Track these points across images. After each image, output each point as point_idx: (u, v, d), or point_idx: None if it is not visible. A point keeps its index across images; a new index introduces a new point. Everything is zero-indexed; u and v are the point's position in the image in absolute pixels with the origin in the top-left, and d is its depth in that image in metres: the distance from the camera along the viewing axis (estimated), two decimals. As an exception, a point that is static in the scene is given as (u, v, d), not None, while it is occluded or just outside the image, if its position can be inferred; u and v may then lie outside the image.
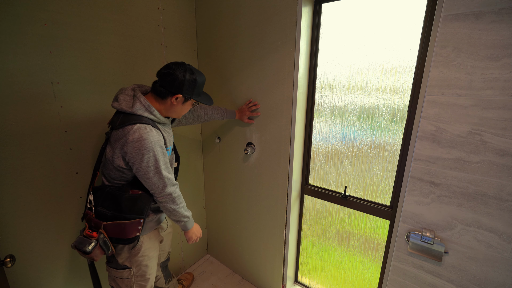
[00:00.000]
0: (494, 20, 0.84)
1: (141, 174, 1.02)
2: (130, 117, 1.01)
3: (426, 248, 1.09)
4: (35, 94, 1.10)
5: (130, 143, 0.97)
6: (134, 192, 1.07)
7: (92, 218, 1.05)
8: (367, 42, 1.23)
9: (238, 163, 1.74)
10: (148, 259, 1.18)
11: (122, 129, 1.00)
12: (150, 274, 1.21)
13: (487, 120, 0.90)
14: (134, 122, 0.99)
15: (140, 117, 1.02)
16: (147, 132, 0.99)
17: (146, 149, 0.98)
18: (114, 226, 1.04)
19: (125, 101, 1.04)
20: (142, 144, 0.97)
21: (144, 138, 0.97)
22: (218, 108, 1.51)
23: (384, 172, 1.30)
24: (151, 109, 1.04)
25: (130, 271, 1.14)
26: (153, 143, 0.99)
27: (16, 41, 1.02)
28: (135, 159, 0.99)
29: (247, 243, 1.86)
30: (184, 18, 1.65)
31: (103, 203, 1.06)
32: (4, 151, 1.06)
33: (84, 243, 1.00)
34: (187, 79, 1.03)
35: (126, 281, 1.15)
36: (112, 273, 1.17)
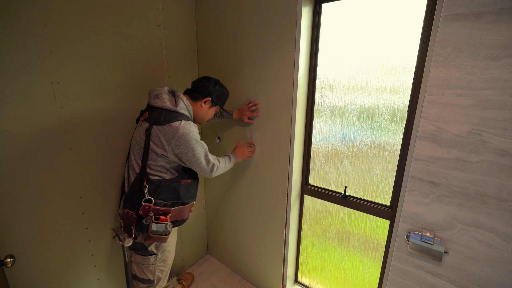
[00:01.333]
0: (494, 20, 0.84)
1: (193, 161, 1.18)
2: (174, 114, 1.14)
3: (426, 248, 1.09)
4: (35, 94, 1.10)
5: (182, 136, 1.11)
6: (185, 182, 1.24)
7: (156, 207, 1.16)
8: (367, 42, 1.23)
9: (238, 163, 1.74)
10: (171, 245, 1.33)
11: (169, 125, 1.11)
12: (171, 259, 1.36)
13: (487, 120, 0.90)
14: (180, 119, 1.13)
15: (182, 115, 1.17)
16: (192, 126, 1.15)
17: (194, 140, 1.15)
18: (177, 211, 1.22)
19: (169, 100, 1.18)
20: (192, 137, 1.13)
21: (191, 131, 1.14)
22: None
23: (384, 172, 1.30)
24: (190, 108, 1.23)
25: (156, 257, 1.26)
26: (196, 134, 1.17)
27: (16, 41, 1.02)
28: (187, 149, 1.14)
29: (247, 243, 1.86)
30: (184, 18, 1.65)
31: (160, 195, 1.16)
32: (4, 151, 1.06)
33: (164, 226, 1.16)
34: (217, 88, 1.28)
35: (151, 267, 1.26)
36: (139, 260, 1.25)
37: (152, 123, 1.13)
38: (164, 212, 1.18)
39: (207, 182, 2.03)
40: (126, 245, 1.15)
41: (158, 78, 1.56)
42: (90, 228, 1.39)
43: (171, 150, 1.13)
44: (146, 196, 1.14)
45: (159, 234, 1.15)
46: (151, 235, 1.14)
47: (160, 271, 1.31)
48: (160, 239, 1.17)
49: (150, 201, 1.15)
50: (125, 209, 1.19)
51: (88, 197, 1.35)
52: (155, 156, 1.14)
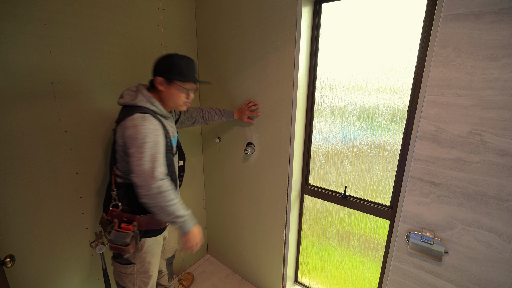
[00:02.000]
0: (494, 20, 0.84)
1: (133, 160, 0.97)
2: (131, 109, 1.04)
3: (426, 248, 1.09)
4: (35, 94, 1.10)
5: (127, 129, 0.99)
6: None
7: (122, 214, 1.08)
8: (367, 42, 1.23)
9: (238, 163, 1.74)
10: (151, 256, 1.19)
11: (125, 119, 1.01)
12: (153, 271, 1.22)
13: (487, 120, 0.90)
14: (134, 112, 1.01)
15: (140, 107, 1.04)
16: (145, 119, 1.00)
17: (141, 134, 0.97)
18: (147, 219, 1.09)
19: (129, 96, 1.08)
20: (139, 129, 0.97)
21: (141, 124, 0.98)
22: (216, 109, 1.52)
23: (384, 172, 1.30)
24: (152, 100, 1.08)
25: (133, 267, 1.15)
26: (149, 130, 0.99)
27: (16, 41, 1.02)
28: (130, 144, 0.98)
29: (247, 243, 1.86)
30: (184, 18, 1.65)
31: (129, 200, 1.08)
32: (4, 151, 1.06)
33: (123, 236, 1.03)
34: (164, 62, 1.08)
35: (130, 277, 1.16)
36: (117, 268, 1.18)
37: (117, 123, 1.07)
38: (128, 219, 1.07)
39: (207, 182, 2.03)
40: (97, 251, 1.09)
41: (158, 78, 1.56)
42: (90, 228, 1.39)
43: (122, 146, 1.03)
44: (113, 201, 1.09)
45: (117, 244, 1.02)
46: (110, 245, 1.04)
47: (143, 283, 1.19)
48: (119, 250, 1.04)
49: (117, 206, 1.08)
50: (103, 213, 1.17)
51: (88, 197, 1.35)
52: (121, 158, 1.07)
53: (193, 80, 1.13)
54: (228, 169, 1.82)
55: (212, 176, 1.97)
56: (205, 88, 1.81)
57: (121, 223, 1.07)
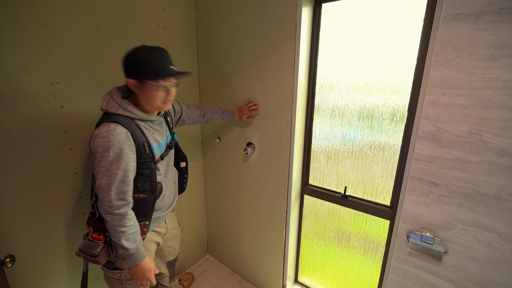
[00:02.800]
0: (494, 20, 0.84)
1: (94, 172, 0.93)
2: (104, 116, 0.97)
3: (426, 248, 1.09)
4: (35, 94, 1.10)
5: (92, 139, 0.92)
6: (136, 197, 1.03)
7: (97, 222, 1.04)
8: (367, 41, 1.23)
9: (238, 163, 1.74)
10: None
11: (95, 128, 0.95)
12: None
13: (487, 120, 0.90)
14: (103, 121, 0.94)
15: (111, 115, 0.95)
16: (110, 130, 0.90)
17: (103, 147, 0.90)
18: None
19: (104, 101, 0.99)
20: (101, 141, 0.90)
21: (104, 135, 0.90)
22: (217, 108, 1.51)
23: (384, 172, 1.30)
24: (123, 105, 0.96)
25: (121, 272, 1.13)
26: (113, 142, 0.90)
27: (16, 41, 1.02)
28: (93, 155, 0.92)
29: (247, 243, 1.86)
30: (184, 18, 1.65)
31: None
32: (4, 151, 1.06)
33: (92, 247, 0.98)
34: (128, 61, 0.95)
35: (118, 282, 1.14)
36: (105, 272, 1.16)
37: None
38: (102, 229, 1.03)
39: (206, 182, 2.03)
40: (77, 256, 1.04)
41: (158, 78, 1.55)
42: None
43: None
44: (91, 209, 1.06)
45: (86, 254, 0.97)
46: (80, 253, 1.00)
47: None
48: (88, 260, 0.99)
49: (94, 214, 1.05)
50: None
51: (88, 197, 1.34)
52: None
53: (166, 74, 0.96)
54: (228, 169, 1.82)
55: (212, 176, 1.97)
56: (205, 88, 1.81)
57: (94, 233, 1.02)
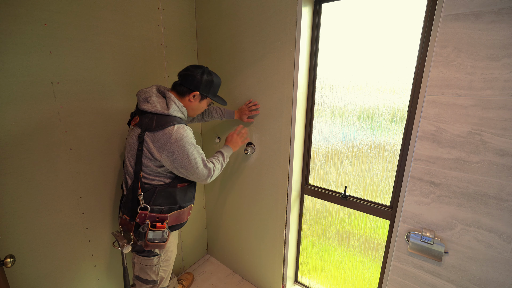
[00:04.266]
0: (494, 20, 0.84)
1: (189, 167, 1.12)
2: (167, 119, 1.09)
3: (426, 248, 1.09)
4: (35, 94, 1.10)
5: (175, 142, 1.06)
6: (181, 185, 1.20)
7: (152, 214, 1.13)
8: (367, 41, 1.23)
9: (238, 163, 1.74)
10: (173, 245, 1.33)
11: (163, 131, 1.06)
12: (173, 258, 1.36)
13: (487, 120, 0.90)
14: (173, 123, 1.08)
15: (176, 118, 1.11)
16: (186, 130, 1.10)
17: (189, 145, 1.09)
18: (174, 215, 1.19)
19: (160, 104, 1.11)
20: (186, 142, 1.08)
21: (186, 135, 1.08)
22: (217, 108, 1.52)
23: (384, 172, 1.30)
24: (183, 109, 1.16)
25: (159, 257, 1.25)
26: (192, 139, 1.11)
27: (16, 41, 1.02)
28: (182, 155, 1.09)
29: (247, 243, 1.85)
30: (184, 18, 1.65)
31: (156, 201, 1.13)
32: (4, 151, 1.06)
33: (161, 234, 1.11)
34: (205, 79, 1.16)
35: (154, 268, 1.24)
36: (142, 261, 1.22)
37: (144, 129, 1.08)
38: (161, 219, 1.14)
39: (207, 182, 2.03)
40: (125, 251, 1.12)
41: (158, 78, 1.56)
42: (90, 228, 1.39)
43: (166, 157, 1.08)
44: (141, 204, 1.11)
45: (156, 242, 1.11)
46: (148, 243, 1.11)
47: (163, 271, 1.29)
48: (157, 246, 1.13)
49: (146, 209, 1.12)
50: (123, 215, 1.17)
51: (88, 197, 1.35)
52: (149, 163, 1.11)
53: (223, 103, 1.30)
54: (228, 169, 1.82)
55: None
56: (205, 88, 1.81)
57: (155, 223, 1.13)
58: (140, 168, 1.11)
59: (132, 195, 1.13)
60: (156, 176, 1.14)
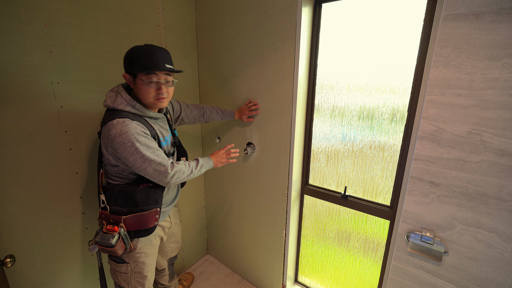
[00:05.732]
0: (494, 20, 0.84)
1: (136, 166, 1.00)
2: (110, 112, 1.01)
3: (426, 248, 1.09)
4: (35, 94, 1.10)
5: (114, 138, 0.96)
6: (145, 186, 1.09)
7: (109, 215, 1.07)
8: (367, 41, 1.23)
9: (238, 163, 1.74)
10: (145, 256, 1.17)
11: (105, 125, 0.99)
12: (148, 271, 1.21)
13: (487, 120, 0.90)
14: (114, 117, 0.98)
15: (120, 111, 1.01)
16: (126, 125, 0.97)
17: (129, 141, 0.96)
18: (133, 219, 1.06)
19: (110, 97, 1.04)
20: (125, 138, 0.96)
21: (124, 131, 0.96)
22: (217, 108, 1.51)
23: (384, 172, 1.30)
24: (132, 102, 1.03)
25: (127, 266, 1.15)
26: (134, 134, 0.97)
27: (16, 41, 1.02)
28: (123, 153, 0.98)
29: (247, 243, 1.86)
30: (184, 18, 1.65)
31: (116, 201, 1.07)
32: (4, 151, 1.06)
33: (108, 237, 1.01)
34: (124, 57, 1.03)
35: (124, 276, 1.17)
36: (112, 266, 1.18)
37: (101, 125, 1.04)
38: (115, 221, 1.06)
39: (207, 182, 2.03)
40: (91, 251, 1.08)
41: (158, 78, 1.56)
42: (90, 228, 1.39)
43: (112, 154, 1.03)
44: (101, 204, 1.09)
45: (103, 245, 1.01)
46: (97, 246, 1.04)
47: (138, 283, 1.20)
48: (105, 251, 1.03)
49: (106, 209, 1.08)
50: None
51: (88, 197, 1.35)
52: (106, 161, 1.07)
53: (156, 68, 1.00)
54: (228, 169, 1.82)
55: (212, 176, 1.97)
56: (205, 88, 1.81)
57: (108, 225, 1.06)
58: (101, 166, 1.10)
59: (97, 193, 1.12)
60: (117, 175, 1.08)
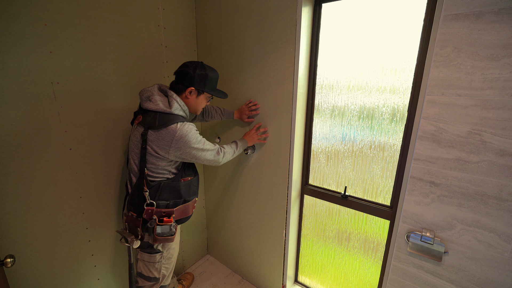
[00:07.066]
0: (494, 20, 0.84)
1: (199, 158, 1.17)
2: (169, 117, 1.11)
3: (426, 248, 1.09)
4: (35, 94, 1.10)
5: (180, 139, 1.09)
6: (185, 180, 1.24)
7: (159, 210, 1.17)
8: (367, 41, 1.23)
9: (238, 163, 1.74)
10: (176, 242, 1.34)
11: (166, 128, 1.09)
12: (175, 256, 1.37)
13: (487, 120, 0.90)
14: (176, 121, 1.10)
15: (178, 116, 1.13)
16: (189, 127, 1.12)
17: (194, 140, 1.12)
18: (180, 209, 1.23)
19: (162, 102, 1.13)
20: (191, 137, 1.11)
21: (189, 131, 1.11)
22: (216, 108, 1.52)
23: (384, 172, 1.30)
24: (184, 108, 1.17)
25: (161, 254, 1.26)
26: (196, 135, 1.14)
27: (16, 41, 1.02)
28: (188, 150, 1.12)
29: (247, 243, 1.85)
30: (184, 18, 1.65)
31: (161, 196, 1.17)
32: (4, 151, 1.06)
33: (168, 227, 1.16)
34: (198, 73, 1.15)
35: (156, 265, 1.26)
36: (145, 258, 1.25)
37: (147, 127, 1.11)
38: (167, 213, 1.18)
39: (207, 182, 2.03)
40: (134, 247, 1.15)
41: (158, 78, 1.56)
42: (90, 228, 1.39)
43: (173, 153, 1.12)
44: (147, 200, 1.14)
45: (165, 235, 1.15)
46: (157, 237, 1.15)
47: (165, 269, 1.31)
48: (166, 240, 1.17)
49: (152, 205, 1.15)
50: (129, 212, 1.20)
51: (88, 197, 1.35)
52: (153, 160, 1.13)
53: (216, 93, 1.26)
54: (228, 169, 1.82)
55: (212, 176, 1.97)
56: (205, 88, 1.81)
57: (162, 218, 1.17)
58: (145, 165, 1.14)
59: (138, 192, 1.16)
60: (160, 173, 1.16)
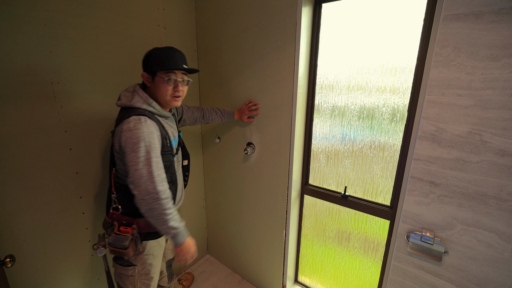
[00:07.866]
0: (494, 20, 0.84)
1: (130, 165, 0.96)
2: (128, 111, 1.03)
3: (426, 248, 1.09)
4: (35, 94, 1.10)
5: (124, 132, 0.97)
6: None
7: (121, 216, 1.08)
8: (367, 42, 1.23)
9: (238, 163, 1.74)
10: (153, 258, 1.18)
11: (121, 122, 1.00)
12: (154, 273, 1.21)
13: (487, 120, 0.90)
14: (130, 115, 0.99)
15: (137, 109, 1.02)
16: (141, 122, 0.98)
17: (137, 138, 0.95)
18: (147, 221, 1.03)
19: (126, 97, 1.06)
20: (134, 133, 0.95)
21: (137, 127, 0.96)
22: (216, 109, 1.52)
23: (384, 172, 1.30)
24: (149, 100, 1.05)
25: (134, 268, 1.14)
26: (145, 133, 0.97)
27: (16, 41, 1.02)
28: (126, 148, 0.96)
29: (247, 243, 1.86)
30: (184, 18, 1.65)
31: (129, 202, 1.04)
32: (4, 151, 1.06)
33: (121, 239, 1.01)
34: (144, 57, 1.07)
35: (130, 279, 1.15)
36: (118, 269, 1.16)
37: (115, 125, 1.06)
38: (128, 222, 1.07)
39: (206, 182, 2.03)
40: (98, 254, 1.10)
41: (158, 78, 1.56)
42: (90, 228, 1.39)
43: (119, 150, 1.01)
44: (113, 204, 1.09)
45: (115, 247, 1.01)
46: (109, 247, 1.03)
47: (143, 285, 1.18)
48: (118, 253, 1.03)
49: (117, 209, 1.08)
50: (106, 215, 1.16)
51: (88, 197, 1.35)
52: (118, 160, 1.06)
53: (175, 67, 1.05)
54: (228, 169, 1.82)
55: (212, 176, 1.97)
56: (205, 88, 1.81)
57: (120, 226, 1.06)
58: (114, 166, 1.09)
59: (108, 194, 1.12)
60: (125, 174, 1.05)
